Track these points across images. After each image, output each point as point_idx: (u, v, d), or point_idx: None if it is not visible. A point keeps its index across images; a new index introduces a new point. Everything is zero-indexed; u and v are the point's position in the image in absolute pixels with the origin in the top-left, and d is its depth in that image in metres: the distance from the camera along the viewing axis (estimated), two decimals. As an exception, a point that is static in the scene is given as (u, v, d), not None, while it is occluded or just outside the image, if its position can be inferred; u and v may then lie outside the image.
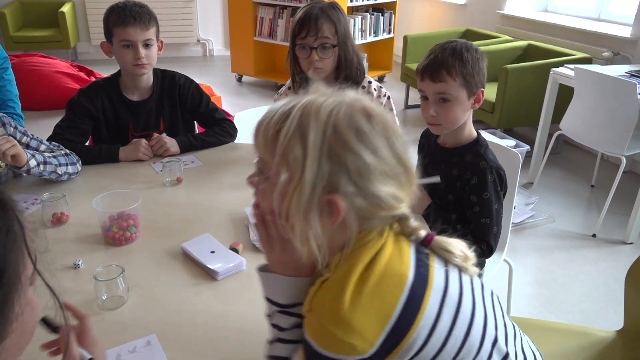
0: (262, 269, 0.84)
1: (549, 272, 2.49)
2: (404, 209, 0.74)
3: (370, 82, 1.81)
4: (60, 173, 1.57)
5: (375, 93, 1.79)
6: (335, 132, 0.69)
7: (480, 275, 1.12)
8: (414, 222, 0.77)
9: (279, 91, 1.90)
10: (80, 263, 1.22)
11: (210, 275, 1.19)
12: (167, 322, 1.05)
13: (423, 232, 0.78)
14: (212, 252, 1.24)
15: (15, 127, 1.56)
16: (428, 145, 1.61)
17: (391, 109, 1.82)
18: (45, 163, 1.53)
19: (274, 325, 0.82)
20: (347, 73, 1.74)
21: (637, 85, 2.56)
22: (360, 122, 0.70)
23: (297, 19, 1.69)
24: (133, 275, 1.17)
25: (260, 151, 0.75)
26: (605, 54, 3.63)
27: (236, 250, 1.25)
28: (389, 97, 1.82)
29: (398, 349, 0.71)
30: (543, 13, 4.58)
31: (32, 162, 1.48)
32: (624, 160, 2.72)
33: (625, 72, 3.02)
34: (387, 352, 0.71)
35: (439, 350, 0.73)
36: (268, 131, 0.72)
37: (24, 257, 0.58)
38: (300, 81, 1.81)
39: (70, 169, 1.62)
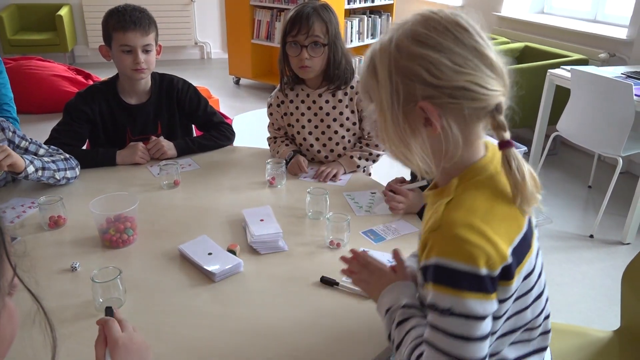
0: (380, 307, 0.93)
1: (546, 273, 2.48)
2: (496, 96, 0.76)
3: (359, 82, 1.81)
4: (58, 178, 1.58)
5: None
6: (397, 49, 0.76)
7: None
8: (502, 119, 0.79)
9: (272, 94, 1.91)
10: (77, 265, 1.22)
11: (207, 276, 1.19)
12: (165, 323, 1.05)
13: (507, 135, 0.78)
14: (210, 253, 1.24)
15: (14, 132, 1.57)
16: None
17: None
18: (43, 169, 1.52)
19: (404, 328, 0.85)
20: (335, 73, 1.76)
21: (633, 87, 2.57)
22: (418, 30, 0.75)
23: (289, 17, 1.71)
24: (130, 277, 1.17)
25: (364, 100, 0.84)
26: (602, 55, 3.64)
27: (233, 252, 1.26)
28: None
29: (516, 273, 0.75)
30: (539, 15, 4.60)
31: (30, 169, 1.48)
32: (621, 161, 2.73)
33: (622, 74, 3.03)
34: (509, 276, 0.74)
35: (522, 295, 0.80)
36: (360, 84, 0.85)
37: (2, 263, 0.57)
38: (288, 80, 1.83)
39: (68, 173, 1.62)
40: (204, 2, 6.51)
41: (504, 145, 0.78)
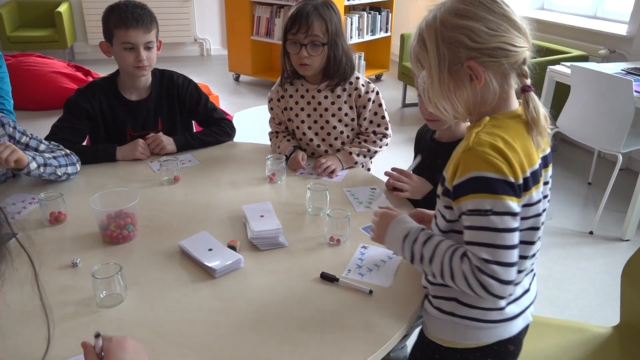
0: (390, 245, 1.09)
1: (546, 269, 2.50)
2: (523, 52, 0.95)
3: (357, 78, 1.82)
4: (59, 174, 1.58)
5: (363, 89, 1.81)
6: (442, 24, 0.93)
7: None
8: (526, 68, 0.97)
9: (272, 89, 1.92)
10: (78, 261, 1.22)
11: (208, 272, 1.19)
12: (165, 319, 1.05)
13: (528, 81, 0.96)
14: (210, 249, 1.24)
15: (15, 127, 1.56)
16: (424, 141, 1.63)
17: (380, 105, 1.83)
18: (45, 165, 1.53)
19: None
20: (335, 70, 1.76)
21: (633, 83, 2.57)
22: (457, 6, 0.93)
23: (289, 15, 1.71)
24: (131, 273, 1.17)
25: (414, 69, 1.02)
26: (602, 51, 3.64)
27: (234, 248, 1.26)
28: (377, 93, 1.84)
29: (530, 191, 0.93)
30: (540, 11, 4.59)
31: (33, 165, 1.48)
32: (621, 157, 2.73)
33: (622, 70, 3.03)
34: (527, 187, 0.92)
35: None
36: (411, 54, 1.01)
37: None
38: (288, 75, 1.84)
39: (69, 169, 1.62)
40: (203, -2, 6.50)
41: (525, 89, 0.96)
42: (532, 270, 1.10)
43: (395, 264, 1.23)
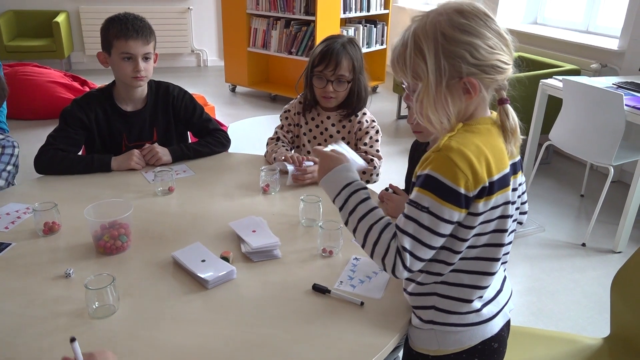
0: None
1: (538, 281, 2.51)
2: (510, 68, 0.98)
3: (364, 114, 1.93)
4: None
5: (365, 124, 1.90)
6: (444, 36, 0.93)
7: None
8: (505, 83, 1.00)
9: (292, 102, 2.01)
10: (71, 272, 1.22)
11: (200, 284, 1.20)
12: (157, 330, 1.06)
13: (504, 94, 1.01)
14: (203, 260, 1.25)
15: None
16: (419, 153, 1.65)
17: (377, 140, 1.91)
18: None
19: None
20: (352, 103, 1.88)
21: (624, 97, 2.60)
22: (460, 20, 0.93)
23: (318, 51, 1.80)
24: (124, 284, 1.18)
25: (402, 77, 1.01)
26: (594, 65, 3.68)
27: (227, 259, 1.26)
28: (377, 131, 1.92)
29: (494, 195, 0.96)
30: (533, 25, 4.65)
31: None
32: (612, 170, 2.76)
33: (613, 84, 3.07)
34: (486, 194, 0.94)
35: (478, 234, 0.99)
36: (399, 62, 0.99)
37: None
38: (308, 104, 1.93)
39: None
40: (200, 10, 6.55)
41: (503, 101, 1.00)
42: (504, 270, 1.15)
43: (387, 275, 1.24)
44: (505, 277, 1.15)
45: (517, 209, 1.08)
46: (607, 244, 2.84)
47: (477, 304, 1.05)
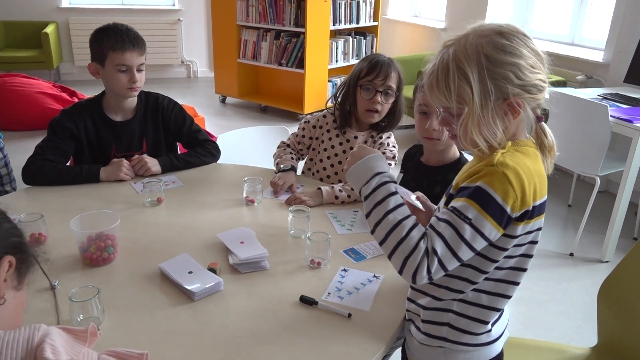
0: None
1: (527, 291, 2.52)
2: (547, 87, 0.98)
3: (388, 137, 1.90)
4: None
5: (386, 148, 1.86)
6: (488, 59, 0.93)
7: None
8: (542, 100, 0.99)
9: (315, 114, 1.98)
10: (56, 284, 1.21)
11: (187, 295, 1.19)
12: (142, 343, 1.05)
13: (539, 111, 1.00)
14: (190, 272, 1.24)
15: None
16: (412, 163, 1.66)
17: (389, 164, 1.85)
18: None
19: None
20: (389, 121, 1.87)
21: (609, 108, 2.64)
22: (502, 42, 0.93)
23: (366, 63, 1.80)
24: (109, 296, 1.17)
25: (442, 102, 0.98)
26: (579, 77, 3.74)
27: (214, 271, 1.26)
28: (394, 157, 1.87)
29: (533, 220, 0.95)
30: (520, 37, 4.71)
31: None
32: (599, 180, 2.79)
33: (598, 95, 3.11)
34: (526, 217, 0.94)
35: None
36: (439, 87, 0.96)
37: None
38: (344, 119, 1.89)
39: None
40: (190, 21, 6.57)
41: (539, 119, 1.01)
42: None
43: (375, 287, 1.25)
44: None
45: None
46: (595, 253, 2.86)
47: (489, 325, 1.05)
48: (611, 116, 2.66)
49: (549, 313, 2.37)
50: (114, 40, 1.75)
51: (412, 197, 1.14)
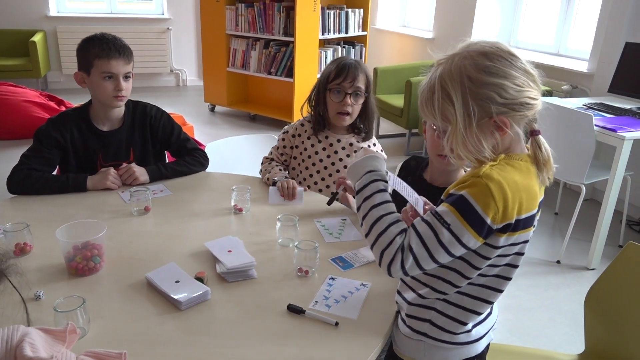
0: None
1: (514, 298, 2.54)
2: (539, 103, 0.99)
3: (374, 145, 1.95)
4: None
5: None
6: (470, 80, 0.95)
7: None
8: (536, 115, 1.00)
9: (293, 124, 2.00)
10: (41, 294, 1.20)
11: (174, 305, 1.18)
12: (129, 353, 1.03)
13: (536, 125, 1.01)
14: (177, 281, 1.23)
15: None
16: (412, 179, 1.55)
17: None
18: None
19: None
20: (365, 124, 1.90)
21: (594, 117, 2.68)
22: (485, 63, 0.95)
23: (333, 67, 1.84)
24: (95, 306, 1.16)
25: (430, 120, 1.02)
26: (565, 87, 3.80)
27: (201, 280, 1.25)
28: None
29: (516, 233, 0.97)
30: (506, 48, 4.77)
31: None
32: (584, 188, 2.83)
33: (583, 105, 3.16)
34: (509, 230, 0.95)
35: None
36: (427, 106, 1.01)
37: None
38: (318, 124, 1.93)
39: None
40: (180, 29, 6.58)
41: (534, 133, 1.02)
42: None
43: (362, 295, 1.25)
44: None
45: None
46: (581, 261, 2.89)
47: (469, 326, 1.09)
48: (596, 125, 2.70)
49: (536, 320, 2.38)
50: (99, 48, 1.75)
51: (420, 206, 1.15)
